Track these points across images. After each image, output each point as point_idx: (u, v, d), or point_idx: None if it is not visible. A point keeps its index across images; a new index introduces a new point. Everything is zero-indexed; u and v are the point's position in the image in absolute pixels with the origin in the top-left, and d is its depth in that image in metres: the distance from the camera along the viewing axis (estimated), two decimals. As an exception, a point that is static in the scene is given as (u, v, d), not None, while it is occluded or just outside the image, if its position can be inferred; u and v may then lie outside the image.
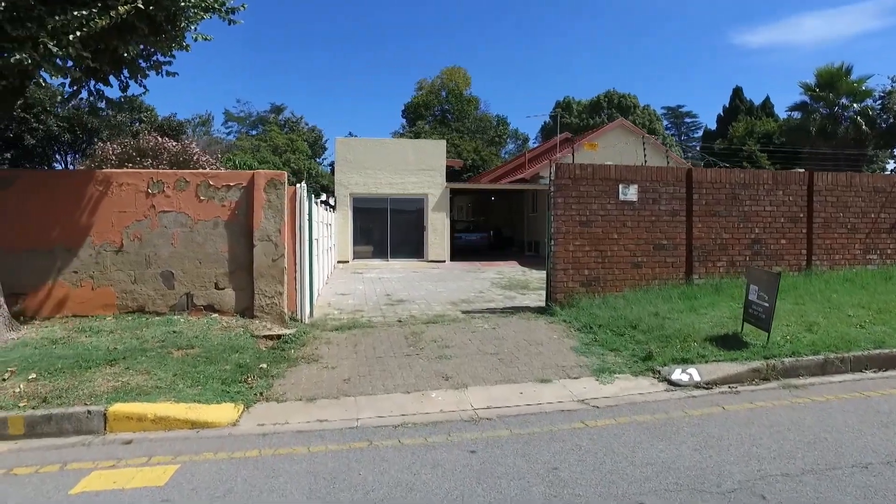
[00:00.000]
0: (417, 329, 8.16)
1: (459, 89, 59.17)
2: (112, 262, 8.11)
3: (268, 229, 8.26)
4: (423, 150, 20.89)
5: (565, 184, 9.40)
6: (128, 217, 8.14)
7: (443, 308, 10.15)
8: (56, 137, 16.50)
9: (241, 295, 8.33)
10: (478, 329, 8.15)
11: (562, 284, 9.36)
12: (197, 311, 8.24)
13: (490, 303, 10.83)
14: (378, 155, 20.47)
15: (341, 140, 20.48)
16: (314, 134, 48.76)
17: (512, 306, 10.30)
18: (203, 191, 8.25)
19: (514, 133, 63.12)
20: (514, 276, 16.21)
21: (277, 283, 8.29)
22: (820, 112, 30.83)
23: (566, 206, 9.39)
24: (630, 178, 9.62)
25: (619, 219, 9.58)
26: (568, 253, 9.39)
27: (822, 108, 30.72)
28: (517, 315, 9.17)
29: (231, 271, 8.30)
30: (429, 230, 20.73)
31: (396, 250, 20.85)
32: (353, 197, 20.52)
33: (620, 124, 26.48)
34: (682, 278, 9.81)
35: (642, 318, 7.78)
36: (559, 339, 7.51)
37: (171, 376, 5.59)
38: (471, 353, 6.86)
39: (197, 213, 8.24)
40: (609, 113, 53.93)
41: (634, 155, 20.37)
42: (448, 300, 11.20)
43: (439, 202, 20.80)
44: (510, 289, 13.15)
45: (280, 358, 6.63)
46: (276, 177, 8.34)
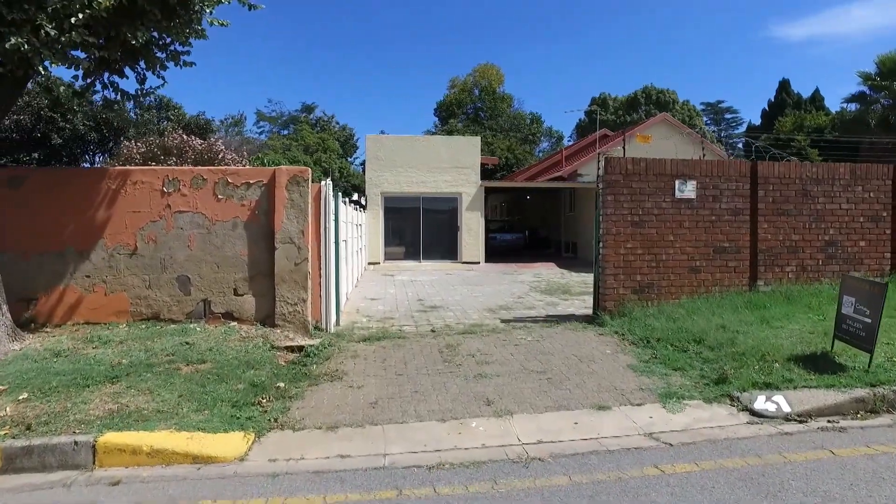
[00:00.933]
0: (453, 341, 7.39)
1: (492, 87, 58.21)
2: (125, 265, 7.56)
3: (290, 230, 7.60)
4: (456, 147, 20.12)
5: (616, 180, 8.50)
6: (142, 218, 7.58)
7: (480, 316, 9.36)
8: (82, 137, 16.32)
9: (261, 302, 7.69)
10: (520, 342, 7.34)
11: (612, 291, 8.47)
12: (214, 319, 7.64)
13: (530, 310, 9.99)
14: (410, 152, 19.79)
15: (372, 137, 19.86)
16: (345, 133, 48.41)
17: (555, 314, 9.44)
18: (221, 189, 7.65)
19: (548, 131, 61.81)
20: (552, 280, 15.30)
21: (300, 288, 7.62)
22: (881, 102, 28.92)
23: (617, 204, 8.49)
24: (688, 174, 8.67)
25: (675, 218, 8.64)
26: (619, 256, 8.49)
27: (884, 99, 28.83)
28: (562, 325, 8.32)
29: (251, 276, 7.68)
30: (463, 230, 19.95)
31: (429, 251, 20.13)
32: (385, 196, 19.89)
33: (664, 119, 25.22)
34: (745, 285, 8.80)
35: (707, 332, 6.85)
36: (613, 355, 6.64)
37: (175, 398, 4.94)
38: (514, 372, 6.06)
39: (215, 213, 7.64)
40: (647, 109, 52.31)
41: (677, 152, 19.17)
42: (485, 306, 10.40)
43: (474, 201, 20.01)
44: (550, 293, 12.27)
45: (300, 375, 5.94)
46: (299, 173, 7.68)
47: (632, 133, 25.82)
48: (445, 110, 56.44)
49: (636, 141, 19.38)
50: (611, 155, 8.93)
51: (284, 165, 7.56)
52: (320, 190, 7.87)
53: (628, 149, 24.18)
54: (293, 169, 7.72)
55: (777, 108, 45.59)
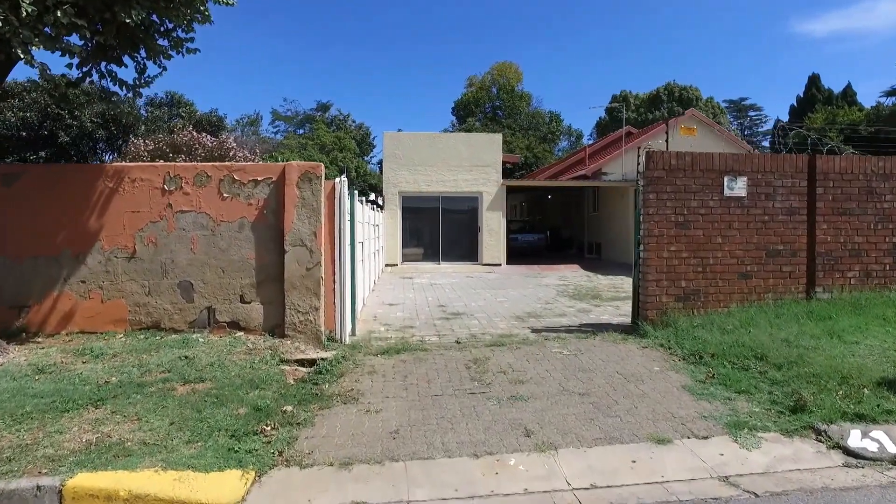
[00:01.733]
0: (481, 354, 6.66)
1: (511, 85, 57.40)
2: (124, 270, 6.95)
3: (301, 232, 6.94)
4: (477, 144, 19.38)
5: (659, 176, 7.71)
6: (141, 218, 6.97)
7: (507, 325, 8.62)
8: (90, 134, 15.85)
9: (270, 310, 7.04)
10: (555, 355, 6.59)
11: (654, 299, 7.68)
12: (219, 329, 7.00)
13: (561, 317, 9.23)
14: (429, 150, 19.09)
15: (389, 134, 19.21)
16: (362, 131, 47.89)
17: (589, 323, 8.67)
18: (226, 187, 7.01)
19: (568, 130, 60.81)
20: (579, 283, 14.50)
21: (312, 295, 6.95)
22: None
23: (660, 203, 7.70)
24: (738, 169, 7.84)
25: (723, 218, 7.82)
26: (661, 260, 7.70)
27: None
28: (599, 336, 7.55)
29: (259, 282, 7.03)
30: (483, 231, 19.21)
31: (448, 253, 19.43)
32: (403, 196, 19.22)
33: (692, 115, 24.24)
34: (801, 292, 7.95)
35: (769, 347, 6.04)
36: (663, 373, 5.87)
37: (166, 425, 4.28)
38: (553, 393, 5.32)
39: (219, 213, 7.00)
40: (669, 106, 51.05)
41: (707, 149, 18.22)
42: (511, 313, 9.65)
43: (495, 201, 19.25)
44: (580, 299, 11.49)
45: (310, 395, 5.25)
46: (311, 169, 7.01)
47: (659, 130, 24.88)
48: (463, 109, 55.73)
49: (679, 133, 18.42)
50: (652, 148, 8.13)
51: (296, 161, 6.83)
52: (334, 187, 7.20)
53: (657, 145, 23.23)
54: (304, 164, 7.06)
55: (806, 103, 44.14)
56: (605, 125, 54.22)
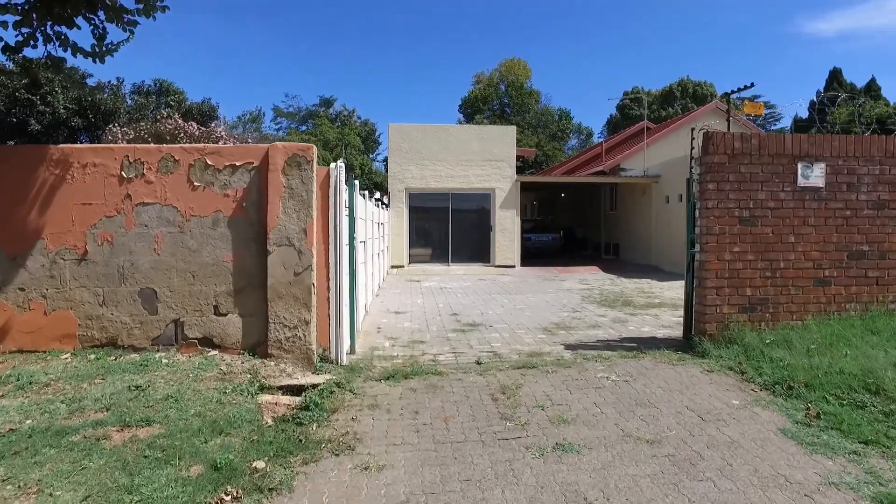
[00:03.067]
0: (508, 380, 5.37)
1: (519, 81, 55.99)
2: (73, 275, 5.70)
3: (288, 229, 5.67)
4: (489, 137, 18.08)
5: (720, 163, 6.40)
6: (94, 212, 5.72)
7: (534, 339, 7.32)
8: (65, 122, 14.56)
9: (250, 323, 5.77)
10: (602, 382, 5.29)
11: (714, 309, 6.37)
12: (188, 347, 5.74)
13: (595, 329, 7.92)
14: (438, 143, 17.81)
15: (395, 127, 17.93)
16: (367, 128, 46.57)
17: (631, 337, 7.36)
18: (198, 174, 5.75)
19: (578, 127, 59.38)
20: (604, 287, 13.18)
21: (301, 306, 5.68)
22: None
23: (720, 194, 6.40)
24: (814, 153, 6.53)
25: (796, 213, 6.51)
26: (722, 263, 6.39)
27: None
28: (649, 355, 6.24)
29: (237, 289, 5.76)
30: (496, 230, 17.91)
31: (458, 254, 18.14)
32: (409, 192, 17.94)
33: (715, 108, 22.87)
34: (892, 302, 6.63)
35: (881, 375, 4.73)
36: (746, 409, 4.56)
37: (77, 502, 3.02)
38: (611, 439, 4.02)
39: (189, 205, 5.74)
40: (683, 103, 49.64)
41: None
42: (536, 324, 8.35)
43: (508, 198, 17.95)
44: (610, 306, 10.17)
45: (292, 443, 3.97)
46: (300, 152, 5.73)
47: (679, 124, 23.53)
48: (471, 106, 54.41)
49: (744, 111, 17.03)
50: (710, 128, 6.82)
51: (281, 142, 5.50)
52: (329, 175, 5.92)
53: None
54: (292, 146, 5.78)
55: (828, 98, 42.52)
56: (616, 122, 52.80)
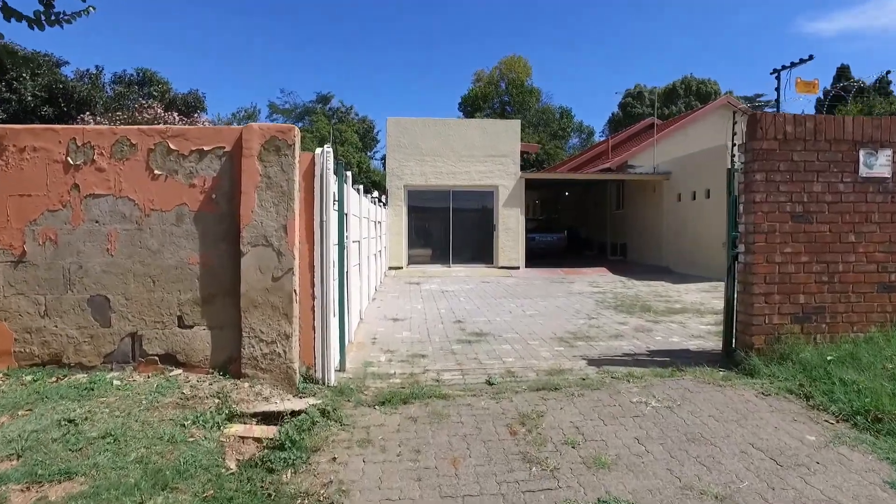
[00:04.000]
0: (527, 406, 4.49)
1: (520, 80, 55.20)
2: (7, 279, 4.81)
3: (265, 225, 4.79)
4: (492, 131, 17.20)
5: (770, 149, 5.52)
6: (34, 205, 4.83)
7: (550, 351, 6.43)
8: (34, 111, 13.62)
9: (220, 337, 4.89)
10: (640, 409, 4.41)
11: (761, 319, 5.49)
12: (148, 365, 4.85)
13: (617, 339, 7.04)
14: (438, 138, 16.93)
15: (393, 120, 17.05)
16: (365, 125, 45.56)
17: (660, 350, 6.48)
18: (159, 160, 4.86)
19: (579, 126, 58.55)
20: (617, 291, 12.30)
21: (281, 317, 4.80)
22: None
23: (770, 186, 5.52)
24: (880, 139, 5.65)
25: (857, 208, 5.64)
26: (772, 266, 5.51)
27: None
28: (688, 374, 5.36)
29: (205, 297, 4.87)
30: (499, 230, 17.03)
31: (460, 254, 17.25)
32: (409, 190, 17.06)
33: (726, 102, 22.03)
34: (964, 310, 5.76)
35: None
36: (829, 450, 3.68)
37: None
38: (666, 493, 3.13)
39: (149, 198, 4.86)
40: (686, 101, 48.84)
41: None
42: (550, 333, 7.47)
43: (512, 196, 17.07)
44: (628, 312, 9.29)
45: (258, 499, 3.09)
46: (280, 134, 4.84)
47: (689, 120, 22.68)
48: (470, 104, 53.55)
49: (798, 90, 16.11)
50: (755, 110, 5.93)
51: (258, 123, 4.56)
52: (314, 163, 5.03)
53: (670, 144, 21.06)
54: (270, 127, 4.88)
55: (836, 96, 41.78)
56: (618, 121, 51.98)
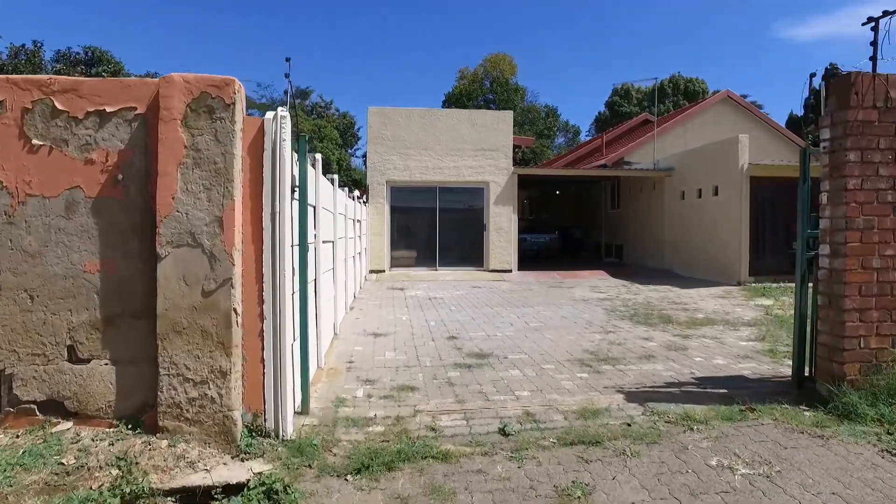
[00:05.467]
0: (562, 474, 3.15)
1: (505, 77, 54.10)
2: None
3: (193, 218, 3.39)
4: (483, 123, 15.87)
5: (866, 121, 4.26)
6: None
7: (572, 379, 5.10)
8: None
9: (129, 376, 3.47)
10: (724, 480, 3.09)
11: (855, 343, 4.22)
12: (20, 416, 3.42)
13: (649, 361, 5.73)
14: (424, 130, 15.57)
15: (376, 110, 15.63)
16: (346, 120, 43.86)
17: (709, 377, 5.18)
18: (39, 125, 3.43)
19: (565, 125, 57.58)
20: (624, 297, 11.05)
21: (215, 346, 3.40)
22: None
23: (865, 169, 4.25)
24: None
25: (970, 199, 4.39)
26: (869, 273, 4.24)
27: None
28: (765, 415, 4.07)
29: (107, 319, 3.45)
30: (490, 230, 15.71)
31: (447, 256, 15.89)
32: (392, 186, 15.67)
33: (726, 96, 20.99)
34: None
35: None
36: None
37: None
38: None
39: (24, 178, 3.43)
40: (674, 100, 48.11)
41: None
42: (565, 352, 6.14)
43: (504, 193, 15.76)
44: (646, 323, 8.01)
45: None
46: (214, 89, 3.44)
47: (688, 115, 21.62)
48: (454, 102, 52.18)
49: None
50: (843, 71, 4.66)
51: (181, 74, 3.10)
52: (262, 131, 3.62)
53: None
54: (200, 80, 3.46)
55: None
56: (604, 120, 51.13)
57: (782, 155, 18.59)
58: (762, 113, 20.68)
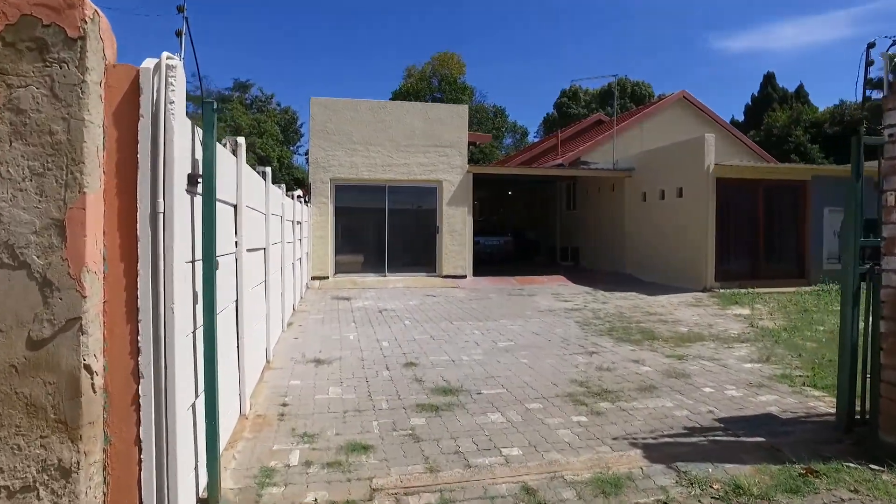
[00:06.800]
0: None
1: (453, 76, 53.28)
2: None
3: (7, 220, 2.09)
4: (436, 117, 14.73)
5: (948, 100, 3.36)
6: None
7: (569, 426, 4.01)
8: None
9: None
10: None
11: (933, 383, 3.32)
12: None
13: (652, 394, 4.74)
14: (372, 124, 14.29)
15: (319, 101, 14.21)
16: (287, 116, 41.78)
17: (732, 417, 4.22)
18: None
19: (513, 126, 57.26)
20: (592, 306, 10.17)
21: (51, 429, 2.12)
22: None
23: (944, 162, 3.35)
24: None
25: None
26: (947, 294, 3.35)
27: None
28: (829, 476, 3.10)
29: None
30: (444, 232, 14.58)
31: (397, 261, 14.65)
32: (336, 185, 14.31)
33: (682, 97, 20.66)
34: None
35: None
36: None
37: None
38: None
39: None
40: (622, 102, 48.49)
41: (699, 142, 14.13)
42: (550, 384, 5.07)
43: (458, 192, 14.67)
44: (628, 340, 7.08)
45: None
46: (43, 11, 2.16)
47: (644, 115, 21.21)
48: (402, 100, 50.96)
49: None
50: None
51: None
52: (138, 87, 2.35)
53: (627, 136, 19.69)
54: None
55: (762, 102, 42.51)
56: (553, 121, 51.06)
57: (737, 157, 18.35)
58: (715, 114, 20.46)
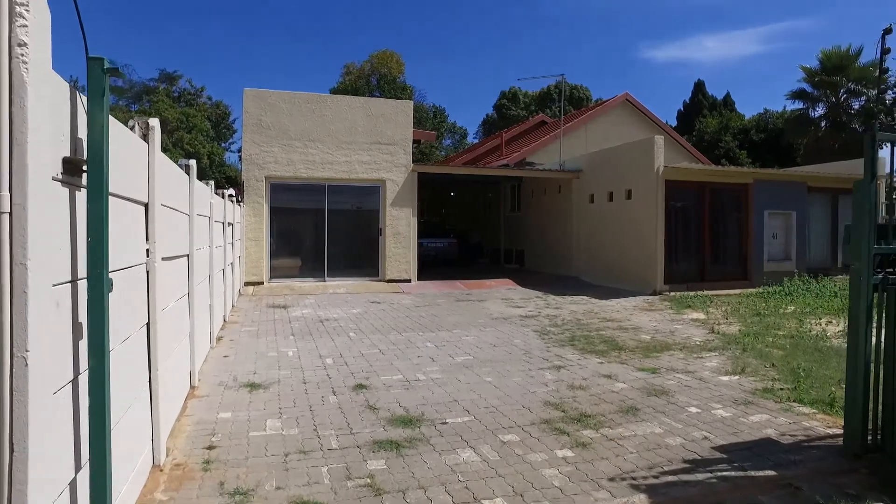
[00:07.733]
0: None
1: (392, 75, 52.41)
2: None
3: None
4: (380, 113, 13.96)
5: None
6: None
7: (553, 465, 3.41)
8: None
9: None
10: None
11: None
12: None
13: (635, 417, 4.23)
14: (311, 119, 13.37)
15: (253, 92, 13.15)
16: (219, 111, 39.66)
17: (731, 444, 3.75)
18: None
19: (452, 126, 56.96)
20: (546, 312, 9.74)
21: None
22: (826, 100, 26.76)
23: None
24: None
25: None
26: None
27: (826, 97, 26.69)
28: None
29: None
30: (387, 234, 13.83)
31: (337, 265, 13.78)
32: (272, 183, 13.30)
33: (625, 99, 20.78)
34: None
35: None
36: None
37: None
38: None
39: None
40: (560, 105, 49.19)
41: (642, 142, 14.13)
42: (520, 407, 4.48)
43: (402, 192, 13.96)
44: (592, 350, 6.62)
45: None
46: None
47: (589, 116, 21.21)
48: (341, 97, 49.72)
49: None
50: None
51: None
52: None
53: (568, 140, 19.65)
54: None
55: (693, 109, 43.98)
56: (492, 122, 51.14)
57: (679, 159, 18.55)
58: (657, 117, 20.71)
